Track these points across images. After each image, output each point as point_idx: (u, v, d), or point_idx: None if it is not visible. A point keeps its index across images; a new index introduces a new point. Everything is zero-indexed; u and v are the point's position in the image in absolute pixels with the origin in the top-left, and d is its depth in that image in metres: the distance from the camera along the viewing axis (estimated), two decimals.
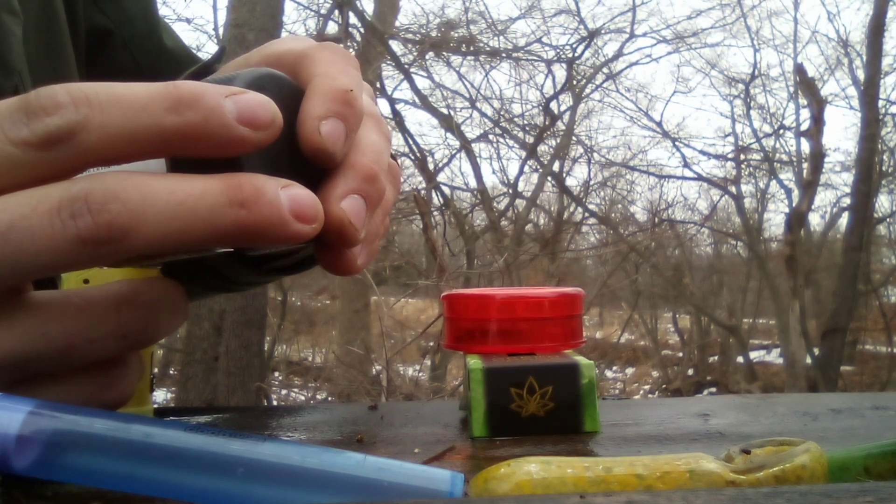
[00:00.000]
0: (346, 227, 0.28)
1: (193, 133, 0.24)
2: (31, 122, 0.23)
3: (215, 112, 0.24)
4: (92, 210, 0.22)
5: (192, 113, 0.24)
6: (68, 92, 0.23)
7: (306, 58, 0.31)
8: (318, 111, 0.28)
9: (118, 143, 0.24)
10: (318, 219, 0.26)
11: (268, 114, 0.25)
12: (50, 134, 0.23)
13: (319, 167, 0.28)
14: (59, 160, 0.23)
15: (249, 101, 0.25)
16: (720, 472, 0.26)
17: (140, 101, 0.24)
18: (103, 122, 0.23)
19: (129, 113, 0.24)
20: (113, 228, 0.23)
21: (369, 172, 0.29)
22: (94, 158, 0.24)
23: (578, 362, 0.41)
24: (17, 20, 0.45)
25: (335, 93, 0.28)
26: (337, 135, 0.28)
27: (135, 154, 0.24)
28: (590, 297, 5.18)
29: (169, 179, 0.24)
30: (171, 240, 0.24)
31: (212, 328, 3.15)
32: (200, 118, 0.24)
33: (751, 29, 6.58)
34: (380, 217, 0.33)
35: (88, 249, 0.23)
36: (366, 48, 4.80)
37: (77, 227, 0.23)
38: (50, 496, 0.28)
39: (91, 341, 0.26)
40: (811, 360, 5.20)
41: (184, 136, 0.24)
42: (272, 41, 0.36)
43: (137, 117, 0.24)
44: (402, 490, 0.23)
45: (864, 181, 5.14)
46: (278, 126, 0.26)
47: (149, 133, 0.24)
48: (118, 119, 0.24)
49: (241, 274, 0.39)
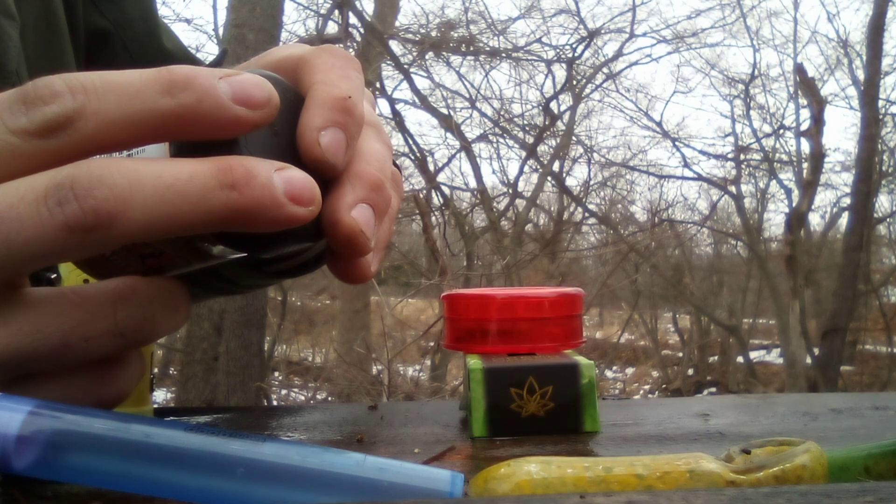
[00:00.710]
0: (357, 237, 0.28)
1: (189, 115, 0.24)
2: (29, 110, 0.23)
3: (209, 93, 0.24)
4: (78, 196, 0.22)
5: (185, 95, 0.24)
6: (65, 81, 0.24)
7: (305, 63, 0.31)
8: (317, 122, 0.28)
9: (115, 130, 0.24)
10: (315, 201, 0.26)
11: (263, 92, 0.25)
12: (48, 122, 0.23)
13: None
14: (58, 148, 0.23)
15: (244, 80, 0.25)
16: (720, 472, 0.26)
17: (134, 87, 0.24)
18: (100, 108, 0.23)
19: (124, 99, 0.24)
20: (100, 214, 0.22)
21: (376, 181, 0.29)
22: (93, 145, 0.24)
23: (578, 362, 0.41)
24: (14, 23, 0.45)
25: (334, 101, 0.28)
26: (337, 145, 0.28)
27: (133, 140, 0.24)
28: (590, 297, 5.18)
29: (157, 163, 0.24)
30: (160, 225, 0.23)
31: (212, 328, 3.15)
32: (194, 100, 0.24)
33: (750, 29, 6.58)
34: (387, 224, 0.33)
35: (77, 237, 0.23)
36: (366, 48, 4.80)
37: (64, 214, 0.22)
38: (50, 496, 0.28)
39: (87, 339, 0.26)
40: (811, 360, 5.20)
41: (179, 119, 0.24)
42: (270, 49, 0.36)
43: (132, 103, 0.24)
44: (402, 490, 0.23)
45: (864, 181, 5.14)
46: (275, 105, 0.25)
47: (145, 117, 0.24)
48: (114, 105, 0.24)
49: (242, 276, 0.39)
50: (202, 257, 0.28)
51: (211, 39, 4.90)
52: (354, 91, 0.29)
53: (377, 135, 0.32)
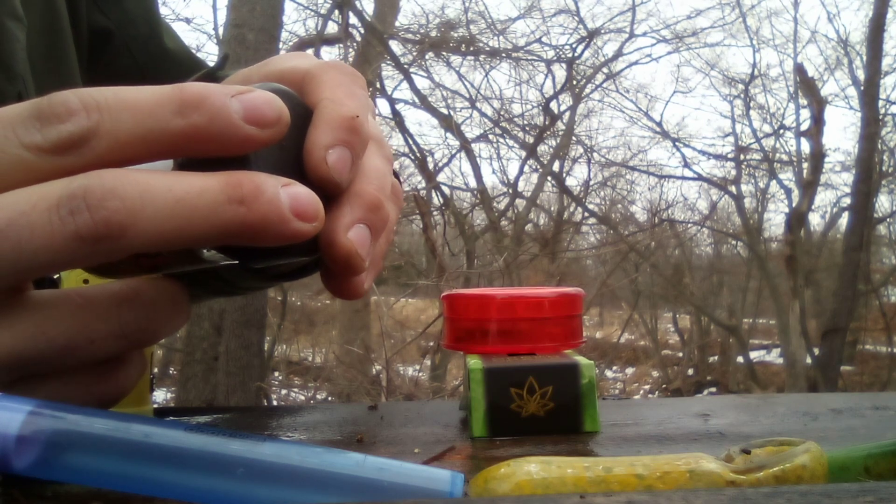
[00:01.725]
0: (352, 258, 0.28)
1: (201, 135, 0.24)
2: (44, 127, 0.23)
3: (221, 113, 0.24)
4: (90, 207, 0.23)
5: (198, 115, 0.24)
6: (80, 98, 0.24)
7: (313, 78, 0.31)
8: (325, 140, 0.28)
9: (128, 148, 0.24)
10: (319, 217, 0.26)
11: (274, 111, 0.25)
12: (62, 140, 0.23)
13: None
14: (70, 165, 0.24)
15: (255, 99, 0.25)
16: (720, 472, 0.26)
17: (148, 106, 0.24)
18: (113, 127, 0.24)
19: (138, 117, 0.24)
20: (111, 225, 0.23)
21: (374, 202, 0.29)
22: (105, 162, 0.24)
23: (578, 362, 0.42)
24: (21, 25, 0.45)
25: (342, 120, 0.29)
26: (343, 164, 0.28)
27: (143, 157, 0.25)
28: (590, 297, 5.18)
29: (168, 177, 0.24)
30: (169, 237, 0.24)
31: (212, 328, 3.15)
32: (207, 120, 0.24)
33: (750, 29, 6.58)
34: (384, 240, 0.33)
35: (86, 246, 0.23)
36: (365, 48, 4.80)
37: (76, 224, 0.23)
38: (50, 496, 0.28)
39: (91, 341, 0.26)
40: (811, 360, 5.20)
41: (191, 138, 0.24)
42: (271, 58, 0.36)
43: (146, 122, 0.24)
44: (402, 490, 0.23)
45: (864, 181, 5.14)
46: (285, 123, 0.26)
47: (157, 137, 0.24)
48: (128, 124, 0.24)
49: (242, 279, 0.39)
50: (194, 261, 0.29)
51: (211, 39, 4.90)
52: (361, 109, 0.30)
53: (378, 149, 0.32)
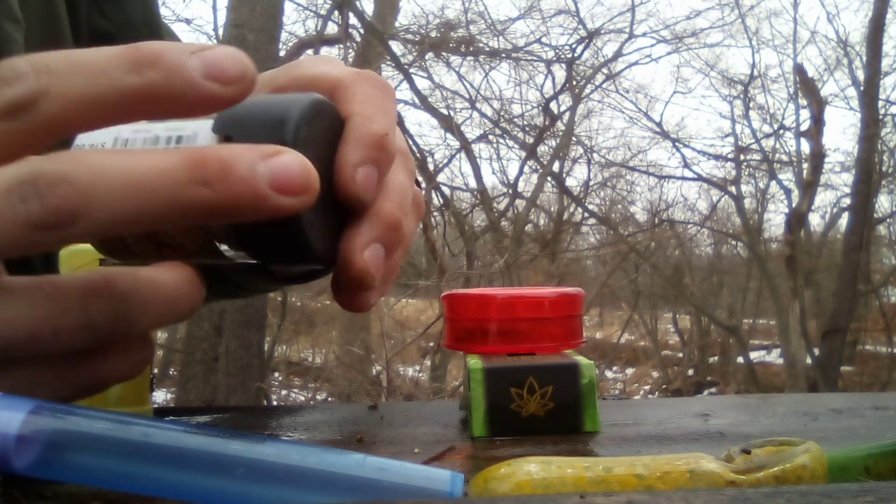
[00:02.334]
0: (365, 277, 0.29)
1: (158, 93, 0.23)
2: None
3: (179, 69, 0.23)
4: (40, 193, 0.22)
5: (154, 72, 0.23)
6: (29, 62, 0.23)
7: (346, 89, 0.31)
8: (355, 158, 0.28)
9: (81, 109, 0.23)
10: (310, 189, 0.24)
11: (237, 67, 0.24)
12: (9, 103, 0.23)
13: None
14: (25, 130, 0.23)
15: (217, 54, 0.24)
16: (720, 472, 0.26)
17: (99, 65, 0.23)
18: (64, 88, 0.23)
19: (89, 77, 0.23)
20: (62, 213, 0.22)
21: (393, 221, 0.30)
22: (59, 126, 0.23)
23: (578, 362, 0.42)
24: (19, 27, 0.45)
25: (371, 138, 0.29)
26: (370, 182, 0.29)
27: (101, 119, 0.24)
28: (590, 297, 5.18)
29: (126, 157, 0.23)
30: (127, 220, 0.23)
31: (212, 328, 3.15)
32: (163, 77, 0.23)
33: (750, 29, 6.57)
34: (399, 255, 0.33)
35: (39, 233, 0.22)
36: (365, 48, 4.80)
37: (27, 212, 0.22)
38: (50, 496, 0.28)
39: (56, 331, 0.25)
40: (811, 361, 5.20)
41: (147, 97, 0.23)
42: (298, 61, 0.35)
43: (98, 81, 0.23)
44: (402, 490, 0.23)
45: (864, 181, 5.14)
46: (250, 79, 0.24)
47: (110, 96, 0.23)
48: (79, 85, 0.23)
49: (250, 281, 0.39)
50: (214, 254, 0.28)
51: (211, 40, 4.90)
52: (391, 127, 0.30)
53: (403, 163, 0.32)
